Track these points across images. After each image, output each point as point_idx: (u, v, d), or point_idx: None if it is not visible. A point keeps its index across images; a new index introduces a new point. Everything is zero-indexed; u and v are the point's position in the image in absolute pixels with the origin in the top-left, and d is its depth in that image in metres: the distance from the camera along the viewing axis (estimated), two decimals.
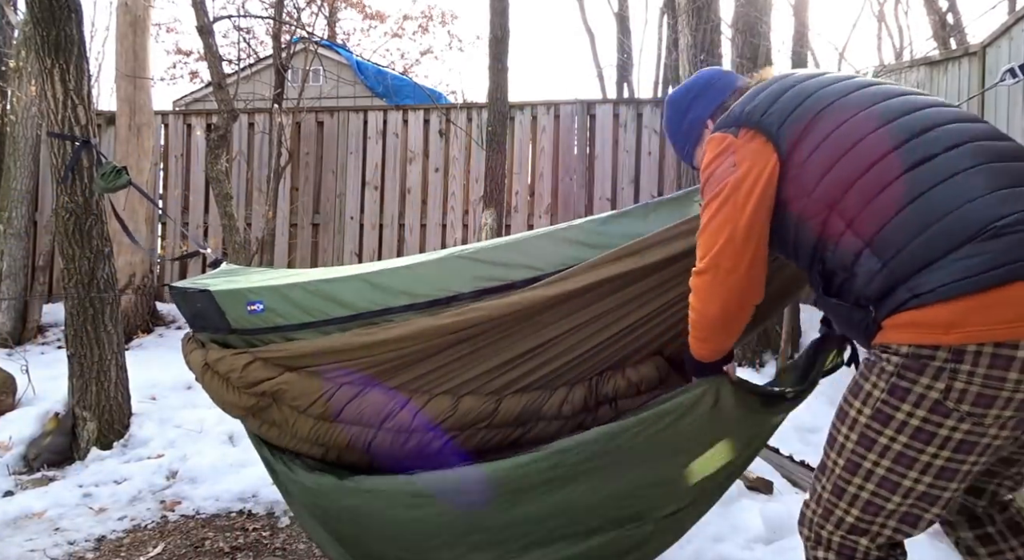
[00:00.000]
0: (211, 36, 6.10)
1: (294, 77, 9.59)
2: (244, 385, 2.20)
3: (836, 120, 1.44)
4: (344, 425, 2.14)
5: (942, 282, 1.25)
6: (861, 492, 1.39)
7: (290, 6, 8.60)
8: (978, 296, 1.22)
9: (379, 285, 2.15)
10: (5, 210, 6.62)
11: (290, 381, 2.15)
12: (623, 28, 12.18)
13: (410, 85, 11.50)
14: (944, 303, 1.24)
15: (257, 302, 2.25)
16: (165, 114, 8.00)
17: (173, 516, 3.31)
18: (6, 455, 3.86)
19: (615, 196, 7.16)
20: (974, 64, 3.26)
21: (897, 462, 1.34)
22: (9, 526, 3.21)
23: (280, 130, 7.10)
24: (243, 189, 7.64)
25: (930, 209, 1.30)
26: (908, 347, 1.29)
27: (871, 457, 1.37)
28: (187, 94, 14.91)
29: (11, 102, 6.58)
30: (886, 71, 5.70)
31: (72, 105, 3.71)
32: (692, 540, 2.88)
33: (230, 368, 2.22)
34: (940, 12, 7.24)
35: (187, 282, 2.52)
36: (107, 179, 2.85)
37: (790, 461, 3.60)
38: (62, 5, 3.65)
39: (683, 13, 5.70)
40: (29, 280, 6.85)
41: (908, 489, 1.35)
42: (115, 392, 4.04)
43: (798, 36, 6.85)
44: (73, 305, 3.94)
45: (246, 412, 2.26)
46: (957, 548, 1.66)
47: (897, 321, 1.31)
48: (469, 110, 7.48)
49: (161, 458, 3.80)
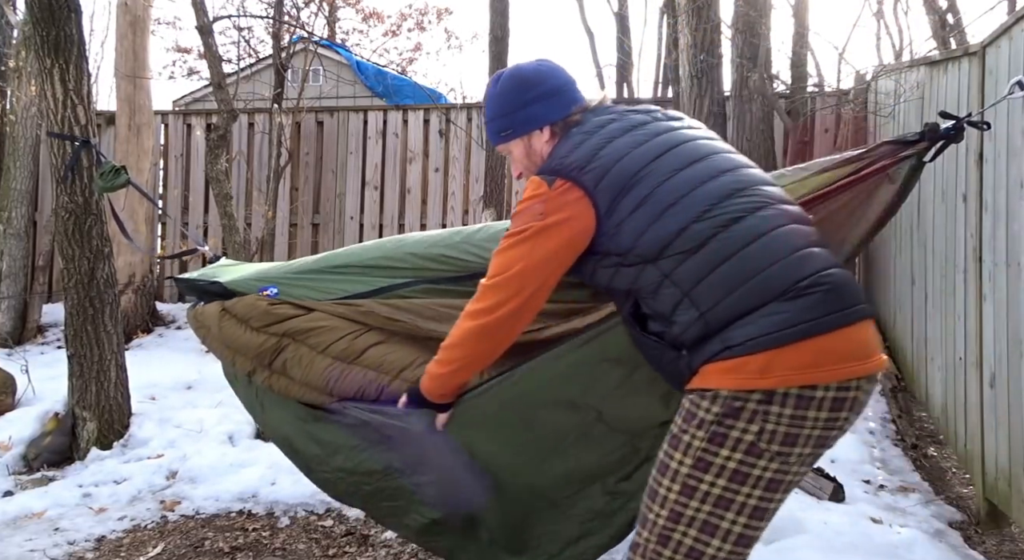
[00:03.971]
0: (211, 36, 6.10)
1: (294, 77, 9.59)
2: (268, 322, 2.20)
3: (651, 184, 1.54)
4: (362, 369, 2.12)
5: (750, 336, 1.40)
6: (685, 538, 1.46)
7: (290, 6, 8.60)
8: (780, 349, 1.38)
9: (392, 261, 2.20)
10: (5, 210, 6.62)
11: (317, 318, 2.16)
12: (623, 28, 12.17)
13: (410, 85, 11.50)
14: (752, 354, 1.40)
15: (270, 287, 2.28)
16: (165, 114, 8.00)
17: (173, 516, 3.31)
18: (6, 455, 3.86)
19: None
20: (974, 64, 3.26)
21: (717, 505, 1.44)
22: (9, 526, 3.21)
23: (280, 130, 7.09)
24: (243, 189, 7.64)
25: (741, 268, 1.44)
26: (727, 391, 1.42)
27: (693, 504, 1.45)
28: (187, 94, 14.91)
29: (11, 102, 6.58)
30: (886, 71, 5.69)
31: (72, 105, 3.71)
32: None
33: (250, 308, 2.24)
34: (940, 12, 7.23)
35: (193, 273, 2.56)
36: (106, 179, 2.85)
37: None
38: (62, 5, 3.65)
39: (683, 13, 5.70)
40: (29, 280, 6.85)
41: (727, 531, 1.44)
42: (115, 392, 4.04)
43: (798, 36, 6.85)
44: (73, 305, 3.93)
45: (257, 357, 2.23)
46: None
47: (714, 368, 1.44)
48: (469, 110, 7.48)
49: (161, 458, 3.80)
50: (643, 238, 1.52)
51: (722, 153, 1.63)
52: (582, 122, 1.70)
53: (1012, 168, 2.86)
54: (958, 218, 3.58)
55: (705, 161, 1.58)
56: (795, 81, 6.77)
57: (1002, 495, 2.98)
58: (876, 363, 1.46)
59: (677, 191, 1.52)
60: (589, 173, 1.56)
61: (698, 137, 1.66)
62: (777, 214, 1.51)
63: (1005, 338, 2.93)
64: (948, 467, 3.98)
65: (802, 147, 6.55)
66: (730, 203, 1.51)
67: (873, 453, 4.10)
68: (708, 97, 5.62)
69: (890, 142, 1.93)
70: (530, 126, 1.75)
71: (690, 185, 1.53)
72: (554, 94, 1.74)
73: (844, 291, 1.45)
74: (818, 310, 1.41)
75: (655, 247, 1.51)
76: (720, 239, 1.47)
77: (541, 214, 1.58)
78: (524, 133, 1.76)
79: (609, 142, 1.60)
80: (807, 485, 3.44)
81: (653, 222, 1.51)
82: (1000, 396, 2.98)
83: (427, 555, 2.90)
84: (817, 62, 9.29)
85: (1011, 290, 2.87)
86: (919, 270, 4.46)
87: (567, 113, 1.73)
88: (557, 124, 1.73)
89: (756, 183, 1.57)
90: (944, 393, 3.90)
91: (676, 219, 1.50)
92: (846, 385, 1.41)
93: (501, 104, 1.78)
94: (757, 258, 1.45)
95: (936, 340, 4.06)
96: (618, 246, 1.55)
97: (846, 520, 3.07)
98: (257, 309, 2.23)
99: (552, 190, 1.58)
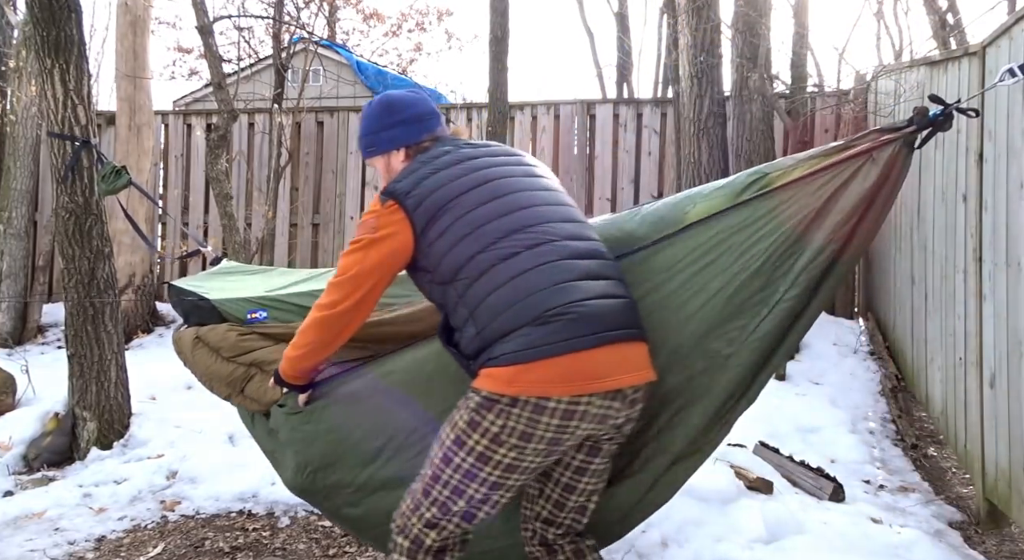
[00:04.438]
0: (211, 36, 6.10)
1: (294, 77, 9.59)
2: (236, 353, 2.32)
3: (455, 215, 1.80)
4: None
5: (504, 352, 1.69)
6: (440, 496, 1.81)
7: (290, 6, 8.60)
8: (525, 365, 1.68)
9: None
10: (5, 210, 6.62)
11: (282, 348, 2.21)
12: (623, 28, 12.18)
13: (410, 85, 11.50)
14: (506, 366, 1.69)
15: (260, 311, 2.38)
16: (165, 114, 8.00)
17: (173, 516, 3.31)
18: (6, 455, 3.86)
19: (615, 196, 7.16)
20: (974, 64, 3.25)
21: (464, 476, 1.78)
22: (9, 526, 3.21)
23: (280, 130, 7.10)
24: (243, 189, 7.64)
25: (507, 296, 1.72)
26: (486, 391, 1.72)
27: (448, 471, 1.79)
28: (187, 94, 14.89)
29: (11, 102, 6.59)
30: (886, 71, 5.69)
31: (72, 105, 3.71)
32: (692, 540, 2.88)
33: (222, 339, 2.35)
34: (940, 12, 7.23)
35: (185, 282, 2.58)
36: (108, 181, 2.85)
37: (790, 461, 3.61)
38: (62, 5, 3.65)
39: (683, 13, 5.71)
40: (29, 280, 6.85)
41: (470, 496, 1.79)
42: (115, 392, 4.04)
43: (798, 36, 6.85)
44: (73, 305, 3.93)
45: (231, 386, 2.36)
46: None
47: (483, 373, 1.74)
48: (469, 110, 7.48)
49: (161, 458, 3.79)
50: (444, 261, 1.80)
51: (529, 191, 1.89)
52: (429, 149, 1.96)
53: (1012, 168, 2.86)
54: (958, 218, 3.58)
55: (507, 197, 1.84)
56: (795, 81, 6.77)
57: (1002, 495, 2.98)
58: (612, 383, 1.71)
59: (474, 223, 1.79)
60: (411, 198, 1.83)
61: (516, 174, 1.91)
62: (550, 251, 1.77)
63: (1005, 338, 2.93)
64: (948, 467, 3.98)
65: (802, 147, 6.54)
66: (513, 239, 1.77)
67: (873, 453, 4.10)
68: (708, 97, 5.62)
69: (880, 129, 1.93)
70: (389, 146, 2.01)
71: (486, 219, 1.80)
72: (413, 122, 2.00)
73: (592, 320, 1.71)
74: (559, 335, 1.68)
75: (451, 271, 1.79)
76: (497, 269, 1.75)
77: (374, 228, 1.85)
78: (384, 152, 2.02)
79: (434, 173, 1.86)
80: (807, 485, 3.44)
81: (451, 248, 1.79)
82: (1000, 396, 2.98)
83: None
84: (817, 62, 9.29)
85: (1011, 290, 2.87)
86: (919, 270, 4.46)
87: (419, 139, 1.99)
88: (411, 147, 1.99)
89: (546, 221, 1.83)
90: (944, 393, 3.90)
91: (468, 249, 1.77)
92: (576, 400, 1.69)
93: (369, 124, 2.05)
94: (520, 288, 1.72)
95: (936, 340, 4.06)
96: (429, 265, 1.84)
97: (846, 520, 3.07)
98: (227, 341, 2.36)
99: (383, 208, 1.85)
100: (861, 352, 5.59)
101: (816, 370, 5.30)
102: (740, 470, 3.42)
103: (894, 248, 5.22)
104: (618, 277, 1.86)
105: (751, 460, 3.60)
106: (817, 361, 5.43)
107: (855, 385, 5.06)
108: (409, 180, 1.85)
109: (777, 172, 1.97)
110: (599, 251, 1.86)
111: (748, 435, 3.82)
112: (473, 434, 1.74)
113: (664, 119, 7.12)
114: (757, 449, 3.75)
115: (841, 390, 4.97)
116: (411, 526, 1.85)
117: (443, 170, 1.86)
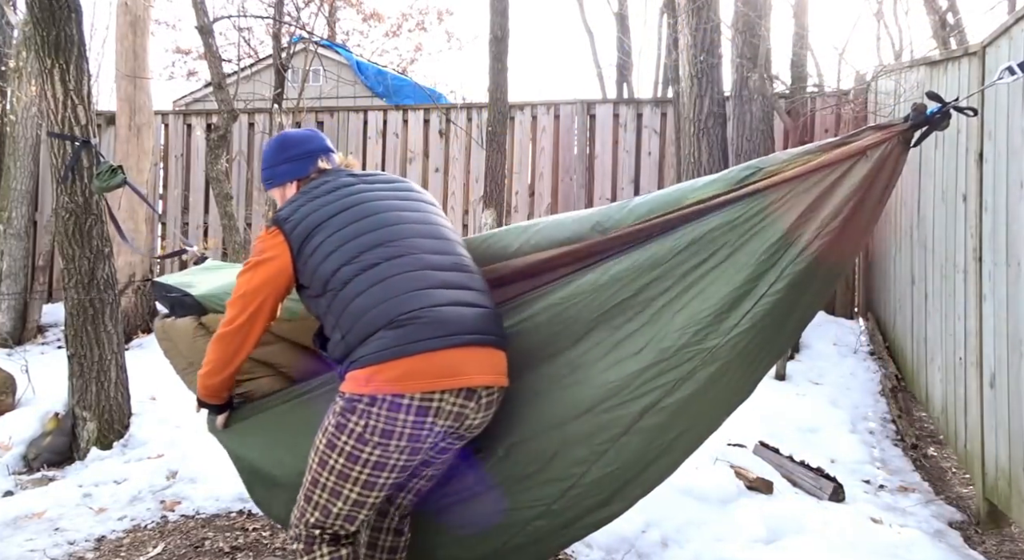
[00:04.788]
0: (211, 36, 6.09)
1: (294, 77, 9.59)
2: None
3: (325, 235, 1.99)
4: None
5: (362, 355, 1.85)
6: (319, 498, 1.95)
7: (290, 6, 8.60)
8: (379, 365, 1.82)
9: None
10: (5, 210, 6.62)
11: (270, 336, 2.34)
12: (623, 28, 12.18)
13: (410, 85, 11.50)
14: (363, 368, 1.84)
15: None
16: (165, 114, 7.99)
17: (173, 516, 3.31)
18: (6, 455, 3.86)
19: (615, 196, 7.15)
20: (974, 64, 3.25)
21: (339, 477, 1.92)
22: (9, 526, 3.21)
23: (280, 130, 7.09)
24: (243, 189, 7.64)
25: (366, 304, 1.88)
26: (348, 394, 1.88)
27: (324, 474, 1.93)
28: (187, 94, 14.89)
29: (11, 102, 6.58)
30: (886, 71, 5.70)
31: (72, 105, 3.72)
32: (692, 540, 2.88)
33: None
34: (940, 12, 7.23)
35: (170, 279, 2.70)
36: (103, 179, 2.87)
37: (790, 461, 3.61)
38: (62, 5, 3.65)
39: (683, 13, 5.70)
40: (29, 280, 6.85)
41: (346, 497, 1.93)
42: (115, 392, 4.04)
43: (797, 37, 6.85)
44: (73, 305, 3.93)
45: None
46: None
47: (347, 376, 1.89)
48: (469, 110, 7.48)
49: (161, 458, 3.79)
50: (315, 276, 1.98)
51: (397, 212, 2.06)
52: (313, 180, 2.17)
53: (1012, 168, 2.86)
54: (958, 218, 3.58)
55: (374, 217, 2.02)
56: (795, 81, 6.77)
57: (1002, 495, 2.98)
58: (463, 381, 1.86)
59: (341, 240, 1.97)
60: (289, 223, 2.03)
61: (387, 198, 2.09)
62: (409, 262, 1.94)
63: (1005, 338, 2.93)
64: (948, 467, 3.98)
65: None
66: (374, 252, 1.95)
67: (873, 453, 4.10)
68: (708, 97, 5.62)
69: (876, 126, 1.92)
70: (282, 179, 2.24)
71: (352, 236, 1.97)
72: (301, 158, 2.22)
73: (445, 324, 1.86)
74: (411, 337, 1.83)
75: (321, 284, 1.96)
76: (359, 279, 1.91)
77: (260, 251, 2.06)
78: (279, 184, 2.26)
79: (311, 200, 2.06)
80: (807, 485, 3.45)
81: (321, 264, 1.96)
82: (1000, 396, 2.98)
83: None
84: (817, 62, 9.29)
85: (1011, 290, 2.87)
86: (919, 270, 4.46)
87: (306, 174, 2.21)
88: (301, 180, 2.22)
89: (409, 237, 2.00)
90: (944, 393, 3.90)
91: (334, 263, 1.95)
92: (429, 396, 1.83)
93: (266, 160, 2.28)
94: (377, 296, 1.88)
95: (936, 340, 4.06)
96: (305, 280, 2.02)
97: (846, 520, 3.07)
98: None
99: (267, 233, 2.06)
100: (861, 352, 5.59)
101: (816, 370, 5.30)
102: (740, 470, 3.42)
103: (894, 248, 5.22)
104: (480, 289, 2.02)
105: (751, 460, 3.60)
106: (817, 361, 5.43)
107: (855, 385, 5.06)
108: (289, 208, 2.07)
109: (772, 166, 1.97)
110: (461, 264, 2.03)
111: (748, 435, 3.82)
112: (342, 435, 1.89)
113: (664, 119, 7.12)
114: (757, 449, 3.75)
115: (841, 390, 4.97)
116: (300, 532, 2.01)
117: (319, 197, 2.07)
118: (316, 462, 1.95)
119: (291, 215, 2.04)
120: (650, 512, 2.99)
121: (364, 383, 1.83)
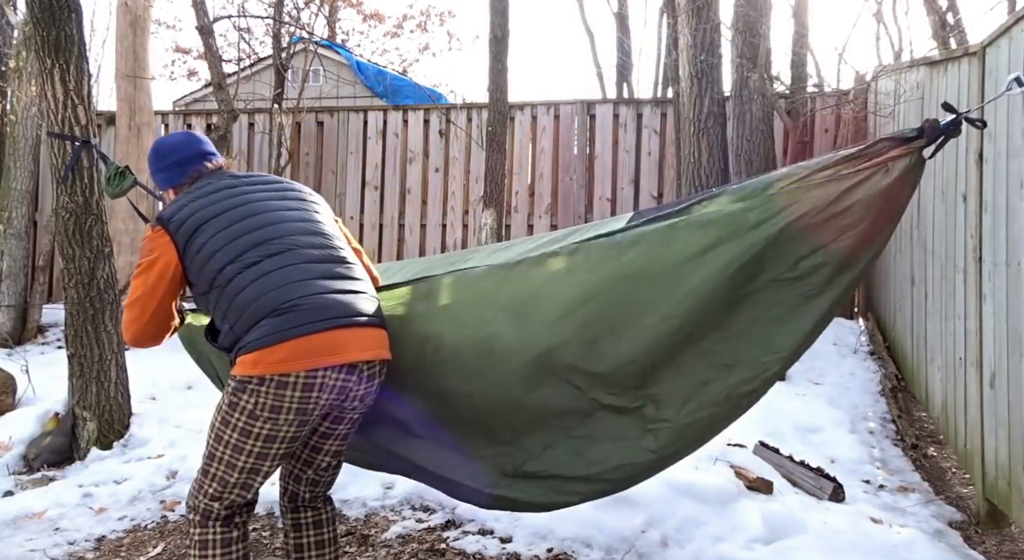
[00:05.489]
0: (211, 36, 6.10)
1: (294, 77, 9.59)
2: None
3: (208, 234, 2.13)
4: None
5: (249, 341, 2.01)
6: (217, 472, 2.11)
7: (290, 6, 8.60)
8: (265, 349, 1.99)
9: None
10: (5, 210, 6.62)
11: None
12: (623, 28, 12.18)
13: (410, 85, 11.50)
14: (251, 353, 2.01)
15: None
16: (165, 114, 7.99)
17: (173, 516, 3.31)
18: (6, 455, 3.86)
19: (615, 196, 7.16)
20: (974, 64, 3.25)
21: (234, 451, 2.07)
22: (9, 526, 3.21)
23: (280, 130, 7.10)
24: None
25: (250, 296, 2.05)
26: (239, 376, 2.04)
27: (220, 448, 2.09)
28: (187, 94, 14.90)
29: (11, 102, 6.58)
30: (886, 71, 5.70)
31: (72, 105, 3.71)
32: (692, 540, 2.88)
33: None
34: (940, 12, 7.24)
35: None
36: (113, 184, 2.83)
37: (790, 461, 3.61)
38: (62, 5, 3.65)
39: (683, 13, 5.70)
40: (29, 280, 6.85)
41: (241, 467, 2.09)
42: (115, 392, 4.04)
43: (798, 36, 6.85)
44: (73, 305, 3.94)
45: None
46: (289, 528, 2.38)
47: (237, 361, 2.05)
48: (469, 110, 7.48)
49: (161, 458, 3.80)
50: (202, 274, 2.12)
51: (278, 211, 2.22)
52: (195, 182, 2.31)
53: (1012, 168, 2.86)
54: (958, 218, 3.58)
55: (256, 217, 2.17)
56: (795, 81, 6.77)
57: (1002, 495, 2.98)
58: (342, 357, 2.03)
59: (224, 240, 2.11)
60: (172, 223, 2.15)
61: (268, 198, 2.24)
62: (289, 257, 2.11)
63: (1005, 338, 2.93)
64: (948, 467, 3.98)
65: (802, 147, 6.55)
66: (256, 250, 2.10)
67: (873, 453, 4.10)
68: (708, 97, 5.62)
69: (888, 138, 1.95)
70: (163, 186, 2.41)
71: (235, 235, 2.12)
72: (174, 167, 2.36)
73: (323, 309, 2.04)
74: (292, 322, 2.00)
75: (207, 282, 2.11)
76: (243, 275, 2.07)
77: (149, 251, 2.18)
78: (164, 189, 2.42)
79: (193, 201, 2.20)
80: (807, 485, 3.45)
81: (207, 262, 2.11)
82: (1000, 396, 2.98)
83: (427, 555, 2.91)
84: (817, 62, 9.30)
85: (1011, 290, 2.87)
86: (919, 270, 4.46)
87: (180, 182, 2.36)
88: (178, 188, 2.36)
89: (290, 234, 2.16)
90: (944, 393, 3.90)
91: (219, 261, 2.10)
92: (312, 374, 2.00)
93: (150, 164, 2.42)
94: (260, 290, 2.05)
95: (936, 340, 4.06)
96: (193, 278, 2.16)
97: (846, 520, 3.07)
98: None
99: (153, 233, 2.18)
100: (861, 352, 5.59)
101: (816, 370, 5.30)
102: (740, 470, 3.42)
103: (894, 248, 5.22)
104: (357, 277, 2.20)
105: (751, 460, 3.60)
106: (817, 361, 5.43)
107: (855, 385, 5.06)
108: (172, 209, 2.21)
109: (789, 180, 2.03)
110: (338, 257, 2.21)
111: (748, 435, 3.82)
112: (235, 413, 2.05)
113: (664, 119, 7.12)
114: (757, 449, 3.75)
115: (841, 390, 4.97)
116: (199, 503, 2.15)
117: (201, 198, 2.21)
118: (212, 438, 2.11)
119: (174, 215, 2.17)
120: (650, 512, 2.99)
121: (252, 366, 1.99)
